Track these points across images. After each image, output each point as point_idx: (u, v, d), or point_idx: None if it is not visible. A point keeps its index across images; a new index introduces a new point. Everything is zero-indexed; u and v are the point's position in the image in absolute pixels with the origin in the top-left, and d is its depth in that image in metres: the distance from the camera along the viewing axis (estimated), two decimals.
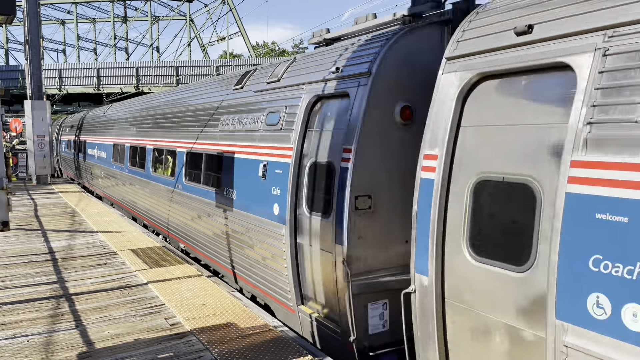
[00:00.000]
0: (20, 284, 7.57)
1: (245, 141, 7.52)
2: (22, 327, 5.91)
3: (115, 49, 70.83)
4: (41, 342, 5.50)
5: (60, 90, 56.42)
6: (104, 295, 7.05)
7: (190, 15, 70.50)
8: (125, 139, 15.02)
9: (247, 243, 7.24)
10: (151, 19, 70.28)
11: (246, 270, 7.34)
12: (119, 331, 5.80)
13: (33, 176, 22.16)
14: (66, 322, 6.07)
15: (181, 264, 8.69)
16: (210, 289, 7.28)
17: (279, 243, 6.38)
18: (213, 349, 5.31)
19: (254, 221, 7.05)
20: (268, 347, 5.36)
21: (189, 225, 9.69)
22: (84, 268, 8.44)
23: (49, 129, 21.95)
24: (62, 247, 9.93)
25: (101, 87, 56.89)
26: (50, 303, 6.74)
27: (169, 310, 6.46)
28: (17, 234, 11.11)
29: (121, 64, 59.61)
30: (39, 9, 21.35)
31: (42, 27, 22.14)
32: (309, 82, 6.30)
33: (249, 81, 8.12)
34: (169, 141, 11.05)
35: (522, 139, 3.58)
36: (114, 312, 6.42)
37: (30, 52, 21.15)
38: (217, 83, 10.00)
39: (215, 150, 8.43)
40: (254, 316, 6.24)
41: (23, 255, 9.31)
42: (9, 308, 6.55)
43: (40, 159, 21.73)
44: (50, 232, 11.47)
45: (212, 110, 9.00)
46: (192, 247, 9.62)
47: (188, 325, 5.96)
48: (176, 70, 55.51)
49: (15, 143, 28.83)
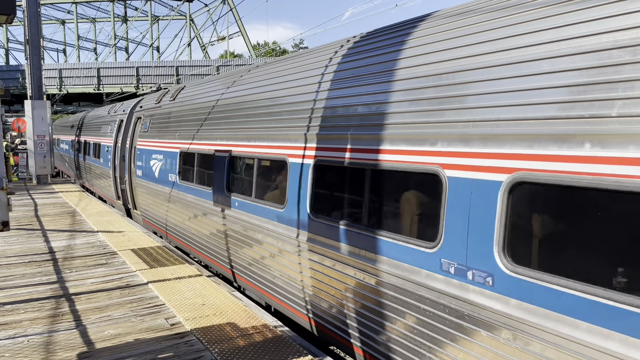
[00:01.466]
0: (21, 283, 7.57)
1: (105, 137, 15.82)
2: (22, 327, 5.91)
3: (115, 48, 70.86)
4: (41, 342, 5.50)
5: (61, 90, 56.44)
6: (104, 295, 7.05)
7: (191, 15, 70.52)
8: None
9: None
10: (151, 18, 70.27)
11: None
12: (119, 331, 5.80)
13: (33, 176, 22.18)
14: (66, 322, 6.06)
15: (181, 263, 8.69)
16: (210, 289, 7.28)
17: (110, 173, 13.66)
18: (213, 348, 5.31)
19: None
20: (268, 346, 5.36)
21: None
22: (84, 268, 8.44)
23: (49, 129, 21.96)
24: (62, 247, 9.93)
25: (101, 86, 56.92)
26: (51, 303, 6.74)
27: (169, 310, 6.46)
28: (17, 233, 11.12)
29: (121, 64, 59.64)
30: (39, 9, 21.34)
31: (42, 26, 22.12)
32: (139, 109, 13.56)
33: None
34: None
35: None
36: (114, 312, 6.41)
37: (30, 52, 21.15)
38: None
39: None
40: (254, 316, 6.23)
41: (23, 255, 9.31)
42: (9, 308, 6.55)
43: (41, 158, 21.74)
44: (50, 232, 11.47)
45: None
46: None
47: (188, 325, 5.96)
48: (176, 70, 55.54)
49: (17, 142, 28.85)
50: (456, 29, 4.27)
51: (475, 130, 3.69)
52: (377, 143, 4.68)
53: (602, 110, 2.93)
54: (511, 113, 3.45)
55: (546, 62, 3.32)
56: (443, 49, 4.26)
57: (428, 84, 4.23)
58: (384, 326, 4.52)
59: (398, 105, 4.51)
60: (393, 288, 4.40)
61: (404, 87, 4.50)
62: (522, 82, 3.43)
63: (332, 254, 5.23)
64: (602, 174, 2.90)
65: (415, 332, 4.16)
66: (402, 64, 4.65)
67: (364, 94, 5.00)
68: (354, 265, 4.90)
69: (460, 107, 3.84)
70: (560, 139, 3.11)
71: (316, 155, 5.62)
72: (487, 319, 3.48)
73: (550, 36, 3.37)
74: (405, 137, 4.37)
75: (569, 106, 3.11)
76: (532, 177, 3.25)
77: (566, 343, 2.97)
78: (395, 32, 5.17)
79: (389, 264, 4.48)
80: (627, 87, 2.85)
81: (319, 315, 5.58)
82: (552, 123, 3.19)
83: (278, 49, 65.16)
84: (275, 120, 6.68)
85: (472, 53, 3.93)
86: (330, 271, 5.28)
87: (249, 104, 7.55)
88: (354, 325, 4.99)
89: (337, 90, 5.47)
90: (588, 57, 3.08)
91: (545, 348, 3.09)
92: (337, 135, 5.30)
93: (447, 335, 3.84)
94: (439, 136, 4.00)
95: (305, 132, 5.88)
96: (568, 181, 3.04)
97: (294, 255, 5.98)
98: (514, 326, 3.28)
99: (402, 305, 4.29)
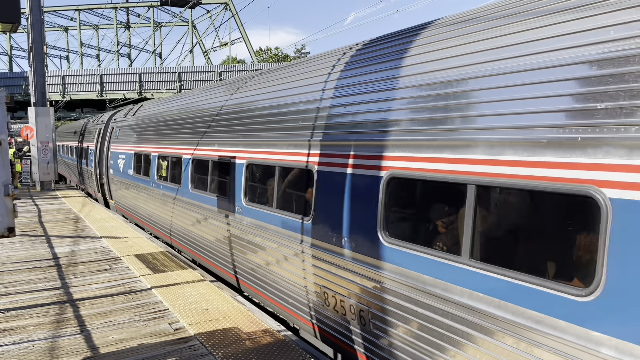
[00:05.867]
0: (25, 289, 7.61)
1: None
2: (27, 333, 5.94)
3: (118, 55, 71.22)
4: (46, 347, 5.53)
5: (64, 97, 56.71)
6: (108, 301, 7.08)
7: (193, 21, 70.84)
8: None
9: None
10: (154, 25, 70.62)
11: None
12: (123, 336, 5.83)
13: (37, 182, 22.27)
14: (71, 328, 6.10)
15: (184, 269, 8.72)
16: (213, 294, 7.31)
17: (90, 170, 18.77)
18: (216, 353, 5.33)
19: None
20: (271, 351, 5.38)
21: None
22: (87, 273, 8.48)
23: (53, 136, 22.08)
24: (66, 253, 9.98)
25: (104, 93, 57.18)
26: (55, 308, 6.77)
27: (172, 315, 6.49)
28: (21, 240, 11.17)
29: (124, 70, 59.92)
30: (42, 16, 21.51)
31: (45, 34, 22.28)
32: (113, 121, 17.61)
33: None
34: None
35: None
36: (118, 317, 6.45)
37: (33, 59, 21.31)
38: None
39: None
40: (257, 321, 6.26)
41: (27, 261, 9.36)
42: (14, 314, 6.59)
43: (44, 165, 21.86)
44: (54, 237, 11.52)
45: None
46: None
47: (192, 329, 5.99)
48: (179, 76, 55.74)
49: (26, 149, 29.04)
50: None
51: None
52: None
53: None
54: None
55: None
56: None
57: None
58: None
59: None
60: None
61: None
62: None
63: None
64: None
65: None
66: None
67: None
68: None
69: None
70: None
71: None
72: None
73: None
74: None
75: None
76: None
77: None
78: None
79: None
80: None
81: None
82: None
83: (280, 54, 65.37)
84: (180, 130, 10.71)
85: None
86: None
87: (176, 119, 11.21)
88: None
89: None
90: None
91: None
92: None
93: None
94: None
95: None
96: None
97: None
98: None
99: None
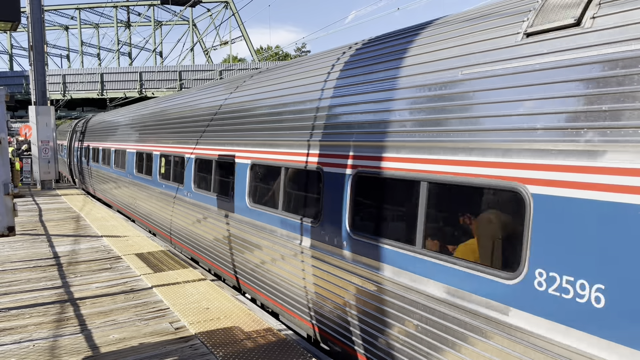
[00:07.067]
0: (26, 288, 7.61)
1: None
2: (27, 332, 5.94)
3: (118, 54, 71.19)
4: (47, 346, 5.53)
5: (64, 96, 56.68)
6: (109, 300, 7.07)
7: (193, 20, 70.81)
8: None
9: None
10: (154, 24, 70.59)
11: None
12: (124, 335, 5.82)
13: (37, 181, 22.28)
14: (71, 327, 6.09)
15: (185, 268, 8.71)
16: (214, 293, 7.30)
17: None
18: (217, 352, 5.32)
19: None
20: (272, 350, 5.37)
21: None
22: (88, 272, 8.47)
23: (54, 134, 22.09)
24: (67, 252, 9.97)
25: (105, 92, 57.15)
26: (56, 307, 6.77)
27: (173, 314, 6.48)
28: (22, 239, 11.17)
29: (124, 69, 59.87)
30: (42, 15, 21.49)
31: (45, 32, 22.27)
32: (77, 127, 27.75)
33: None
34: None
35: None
36: (118, 316, 6.44)
37: (34, 58, 21.30)
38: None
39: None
40: (258, 320, 6.25)
41: (28, 260, 9.35)
42: (15, 313, 6.58)
43: (45, 164, 21.87)
44: (54, 236, 11.52)
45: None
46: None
47: (192, 329, 5.98)
48: (179, 74, 55.71)
49: (24, 148, 29.10)
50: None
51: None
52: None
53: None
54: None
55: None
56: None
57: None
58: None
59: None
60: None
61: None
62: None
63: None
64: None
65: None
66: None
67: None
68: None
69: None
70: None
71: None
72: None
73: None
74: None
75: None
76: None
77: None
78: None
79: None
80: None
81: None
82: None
83: (281, 53, 65.33)
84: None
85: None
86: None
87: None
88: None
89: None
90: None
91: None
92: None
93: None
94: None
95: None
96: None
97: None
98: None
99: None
